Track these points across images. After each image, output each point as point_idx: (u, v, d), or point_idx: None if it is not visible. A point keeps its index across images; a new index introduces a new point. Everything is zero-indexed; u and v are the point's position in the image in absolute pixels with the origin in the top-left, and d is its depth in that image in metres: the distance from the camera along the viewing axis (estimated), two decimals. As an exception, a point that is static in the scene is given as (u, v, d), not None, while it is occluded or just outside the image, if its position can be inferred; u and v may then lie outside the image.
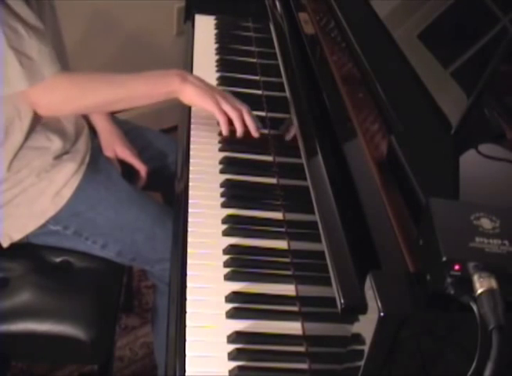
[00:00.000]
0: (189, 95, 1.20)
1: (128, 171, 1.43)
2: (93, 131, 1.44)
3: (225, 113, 1.21)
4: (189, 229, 1.07)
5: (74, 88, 1.18)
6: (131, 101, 1.26)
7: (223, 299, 0.97)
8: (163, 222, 1.28)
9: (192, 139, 1.25)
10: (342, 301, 0.68)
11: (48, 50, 1.12)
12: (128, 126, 1.50)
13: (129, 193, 1.32)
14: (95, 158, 1.34)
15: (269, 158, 1.24)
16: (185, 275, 0.99)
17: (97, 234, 1.29)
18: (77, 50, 1.90)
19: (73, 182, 1.27)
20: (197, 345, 0.90)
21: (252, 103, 1.39)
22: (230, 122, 1.22)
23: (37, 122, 1.25)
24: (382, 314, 0.60)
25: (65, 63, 1.31)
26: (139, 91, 1.22)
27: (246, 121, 1.22)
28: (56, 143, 1.26)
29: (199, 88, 1.20)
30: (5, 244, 1.27)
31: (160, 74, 1.23)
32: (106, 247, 1.29)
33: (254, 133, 1.22)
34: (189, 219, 1.09)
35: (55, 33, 1.25)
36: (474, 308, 0.59)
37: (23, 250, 1.29)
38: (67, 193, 1.26)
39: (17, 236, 1.27)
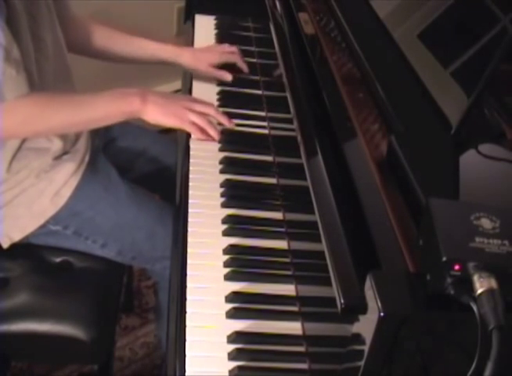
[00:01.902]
0: (152, 115, 1.19)
1: (124, 171, 1.43)
2: (92, 131, 1.44)
3: (194, 124, 1.22)
4: (189, 229, 1.07)
5: (34, 110, 1.14)
6: (91, 122, 1.23)
7: (223, 299, 0.97)
8: (163, 221, 1.28)
9: (192, 139, 1.25)
10: (342, 301, 0.68)
11: (14, 72, 1.08)
12: (127, 127, 1.50)
13: (128, 193, 1.32)
14: (95, 158, 1.34)
15: (269, 158, 1.24)
16: (185, 275, 0.99)
17: (97, 234, 1.29)
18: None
19: (73, 181, 1.27)
20: (197, 345, 0.90)
21: (252, 103, 1.39)
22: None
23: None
24: (382, 314, 0.60)
25: (63, 63, 1.30)
26: (99, 111, 1.20)
27: (218, 120, 1.25)
28: (56, 144, 1.26)
29: (160, 107, 1.19)
30: (6, 245, 1.27)
31: (120, 94, 1.21)
32: (106, 247, 1.29)
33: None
34: (189, 219, 1.09)
35: (54, 34, 1.25)
36: (474, 308, 0.59)
37: (23, 250, 1.29)
38: (66, 192, 1.26)
39: (17, 236, 1.27)
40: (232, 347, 0.90)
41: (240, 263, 1.02)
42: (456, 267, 0.60)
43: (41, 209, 1.25)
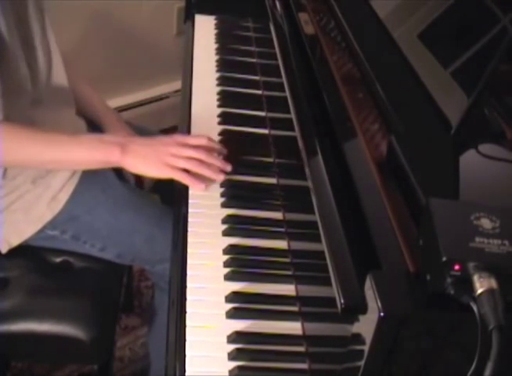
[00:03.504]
0: (133, 166, 1.11)
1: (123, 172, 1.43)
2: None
3: (183, 171, 1.11)
4: (189, 229, 1.07)
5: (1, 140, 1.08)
6: (62, 164, 1.17)
7: (223, 299, 0.97)
8: (161, 223, 1.27)
9: (192, 138, 1.25)
10: (342, 301, 0.68)
11: None
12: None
13: (126, 196, 1.31)
14: None
15: (269, 158, 1.24)
16: (185, 275, 0.99)
17: (95, 238, 1.28)
18: (76, 50, 1.90)
19: (69, 186, 1.25)
20: (197, 345, 0.90)
21: (252, 103, 1.39)
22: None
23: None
24: (382, 314, 0.60)
25: (51, 65, 1.29)
26: (72, 156, 1.14)
27: (210, 163, 1.13)
28: None
29: (142, 157, 1.10)
30: (4, 250, 1.26)
31: (98, 142, 1.13)
32: (105, 250, 1.28)
33: (218, 178, 1.14)
34: (189, 219, 1.09)
35: (43, 34, 1.22)
36: (474, 308, 0.59)
37: (23, 250, 1.28)
38: (63, 197, 1.24)
39: (15, 241, 1.25)
40: (232, 347, 0.90)
41: (240, 263, 1.02)
42: (456, 267, 0.60)
43: (39, 214, 1.24)
